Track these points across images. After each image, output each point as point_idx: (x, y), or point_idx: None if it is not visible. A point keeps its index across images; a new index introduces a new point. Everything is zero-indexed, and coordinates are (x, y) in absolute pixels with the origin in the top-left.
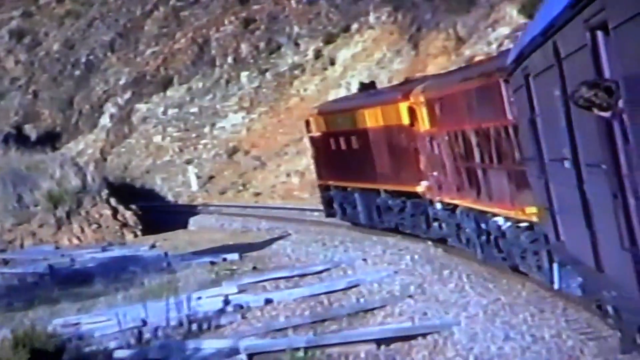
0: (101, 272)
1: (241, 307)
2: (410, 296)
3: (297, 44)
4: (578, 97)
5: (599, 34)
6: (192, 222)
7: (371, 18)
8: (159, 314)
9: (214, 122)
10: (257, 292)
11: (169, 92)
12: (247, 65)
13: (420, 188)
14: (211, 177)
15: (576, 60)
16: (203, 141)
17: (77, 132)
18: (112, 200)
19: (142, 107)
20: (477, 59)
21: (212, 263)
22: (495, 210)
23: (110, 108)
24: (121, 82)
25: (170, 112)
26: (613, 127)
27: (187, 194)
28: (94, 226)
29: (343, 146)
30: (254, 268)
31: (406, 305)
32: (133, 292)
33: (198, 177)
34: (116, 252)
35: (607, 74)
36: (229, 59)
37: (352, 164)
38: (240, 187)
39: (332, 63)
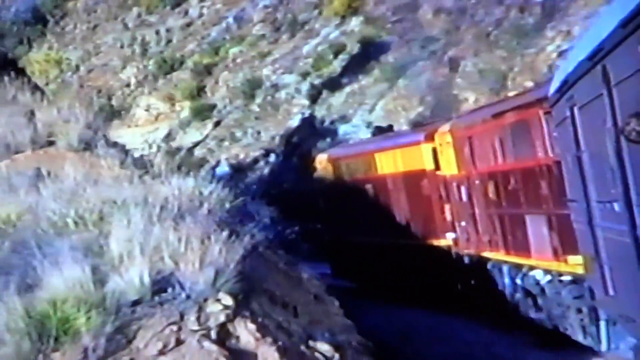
0: None
1: None
2: None
3: None
4: (630, 131)
5: None
6: None
7: None
8: None
9: None
10: None
11: None
12: None
13: (446, 241)
14: None
15: (629, 87)
16: None
17: None
18: (249, 327)
19: None
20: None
21: None
22: (533, 262)
23: None
24: None
25: None
26: None
27: None
28: None
29: (355, 196)
30: None
31: None
32: None
33: None
34: None
35: None
36: None
37: (366, 216)
38: None
39: None
